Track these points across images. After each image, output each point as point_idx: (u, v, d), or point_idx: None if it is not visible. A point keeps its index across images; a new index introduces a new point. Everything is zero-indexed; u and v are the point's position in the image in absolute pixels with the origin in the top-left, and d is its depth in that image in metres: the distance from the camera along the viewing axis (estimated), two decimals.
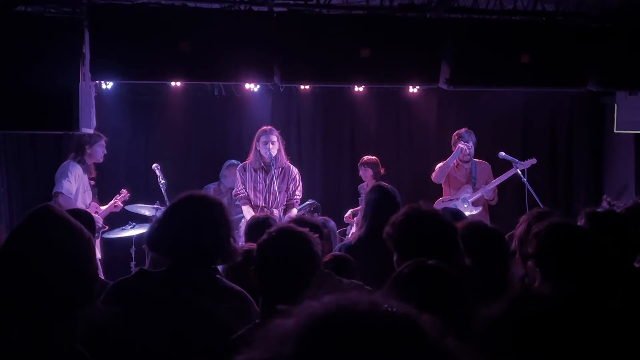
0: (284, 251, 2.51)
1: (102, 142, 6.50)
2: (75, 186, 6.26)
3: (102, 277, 4.44)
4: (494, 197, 7.03)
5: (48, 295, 1.78)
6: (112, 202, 6.72)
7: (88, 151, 6.42)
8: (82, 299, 1.84)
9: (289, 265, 2.48)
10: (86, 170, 6.45)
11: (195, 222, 2.65)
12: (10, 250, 1.86)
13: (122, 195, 6.77)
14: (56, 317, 1.79)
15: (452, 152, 7.10)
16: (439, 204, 6.81)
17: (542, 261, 2.59)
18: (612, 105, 7.56)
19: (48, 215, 1.89)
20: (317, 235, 2.66)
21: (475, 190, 6.99)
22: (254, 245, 3.68)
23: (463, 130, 7.19)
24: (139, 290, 2.58)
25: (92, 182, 6.62)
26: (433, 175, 7.10)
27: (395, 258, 2.79)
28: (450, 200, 6.95)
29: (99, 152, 6.49)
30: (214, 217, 2.69)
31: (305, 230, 2.62)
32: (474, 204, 6.96)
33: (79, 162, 6.39)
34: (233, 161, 7.67)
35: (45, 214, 1.90)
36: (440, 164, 7.08)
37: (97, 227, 6.26)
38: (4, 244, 1.89)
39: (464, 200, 6.92)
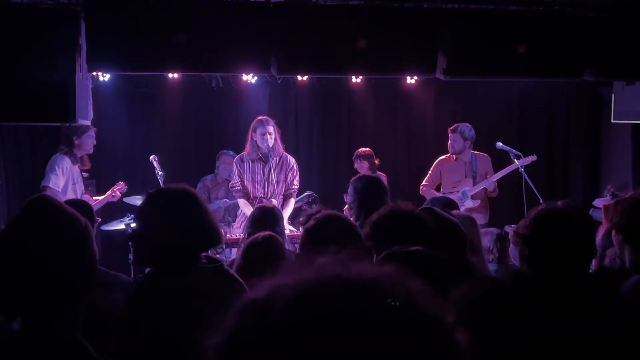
0: (333, 233, 2.57)
1: (91, 133, 6.44)
2: (64, 179, 6.23)
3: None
4: (494, 188, 7.03)
5: (47, 284, 1.78)
6: (108, 192, 6.70)
7: (76, 142, 6.36)
8: (82, 286, 1.85)
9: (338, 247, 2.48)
10: (75, 162, 6.39)
11: (169, 222, 2.52)
12: (7, 241, 1.87)
13: (119, 186, 6.76)
14: (56, 306, 1.79)
15: (449, 141, 7.08)
16: (434, 195, 6.83)
17: (532, 245, 2.61)
18: (609, 95, 7.56)
19: (42, 204, 1.90)
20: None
21: (475, 183, 6.97)
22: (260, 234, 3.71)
23: (464, 124, 7.15)
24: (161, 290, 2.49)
25: (86, 175, 6.59)
26: (421, 190, 7.12)
27: (374, 258, 2.79)
28: (451, 192, 6.94)
29: (87, 142, 6.43)
30: (190, 208, 2.58)
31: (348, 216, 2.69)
32: (473, 197, 6.94)
33: (67, 154, 6.33)
34: (224, 151, 7.69)
35: (39, 203, 1.90)
36: (426, 192, 7.04)
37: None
38: (1, 235, 1.90)
39: (464, 194, 6.91)
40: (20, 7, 5.56)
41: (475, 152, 7.15)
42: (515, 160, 6.94)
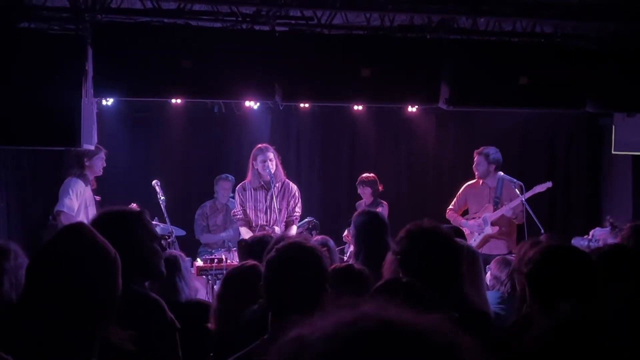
0: (292, 266, 2.44)
1: (102, 155, 6.40)
2: (78, 203, 6.17)
3: None
4: (516, 215, 6.82)
5: (71, 313, 1.79)
6: None
7: (87, 164, 6.32)
8: (104, 318, 1.85)
9: (298, 280, 2.43)
10: (87, 184, 6.34)
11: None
12: (37, 266, 1.88)
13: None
14: (77, 335, 1.80)
15: (474, 163, 7.02)
16: (459, 221, 6.85)
17: (533, 283, 2.65)
18: (610, 126, 7.60)
19: (78, 233, 1.92)
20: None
21: (496, 209, 6.91)
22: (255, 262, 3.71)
23: (490, 147, 7.08)
24: None
25: (98, 198, 6.53)
26: (447, 214, 7.09)
27: (400, 274, 2.82)
28: (473, 218, 6.93)
29: (98, 165, 6.39)
30: (130, 233, 2.64)
31: (314, 244, 2.61)
32: (493, 224, 6.88)
33: (79, 177, 6.28)
34: (222, 175, 7.71)
35: (75, 232, 1.92)
36: (452, 216, 7.00)
37: None
38: (32, 260, 1.92)
39: (485, 220, 6.87)
40: (27, 32, 5.62)
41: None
42: (537, 188, 6.85)
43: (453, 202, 7.14)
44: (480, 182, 7.03)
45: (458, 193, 7.15)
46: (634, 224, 3.23)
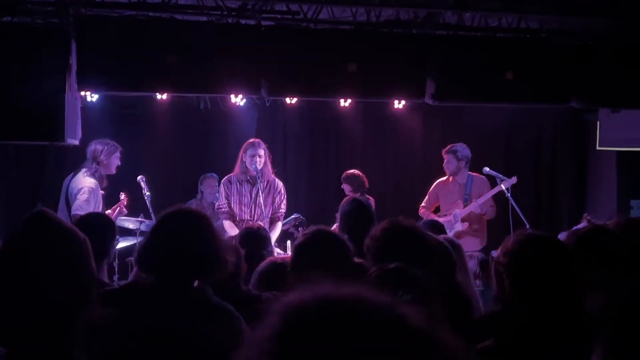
0: (322, 249, 2.57)
1: (118, 153, 6.23)
2: (93, 203, 5.96)
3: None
4: (485, 211, 6.93)
5: (45, 299, 1.78)
6: (116, 209, 6.53)
7: (105, 162, 6.13)
8: (80, 301, 1.84)
9: (328, 263, 2.52)
10: (100, 181, 6.12)
11: (180, 237, 2.54)
12: (5, 256, 1.87)
13: (122, 200, 6.64)
14: (53, 321, 1.78)
15: (444, 161, 7.08)
16: (431, 219, 6.84)
17: (511, 273, 2.63)
18: (595, 122, 7.65)
19: (41, 219, 1.91)
20: None
21: (466, 206, 6.95)
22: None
23: (458, 144, 7.15)
24: (126, 303, 2.47)
25: (103, 192, 6.30)
26: (419, 211, 7.11)
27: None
28: (445, 215, 6.95)
29: (114, 163, 6.21)
30: (201, 232, 2.58)
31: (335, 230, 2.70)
32: (463, 220, 6.91)
33: (92, 175, 6.04)
34: (207, 174, 7.69)
35: (38, 218, 1.91)
36: (424, 214, 7.03)
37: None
38: (2, 248, 1.91)
39: (455, 217, 6.90)
40: (10, 25, 5.57)
41: (474, 173, 7.14)
42: (502, 185, 6.92)
43: (425, 200, 7.20)
44: (451, 179, 7.08)
45: (429, 190, 7.20)
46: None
